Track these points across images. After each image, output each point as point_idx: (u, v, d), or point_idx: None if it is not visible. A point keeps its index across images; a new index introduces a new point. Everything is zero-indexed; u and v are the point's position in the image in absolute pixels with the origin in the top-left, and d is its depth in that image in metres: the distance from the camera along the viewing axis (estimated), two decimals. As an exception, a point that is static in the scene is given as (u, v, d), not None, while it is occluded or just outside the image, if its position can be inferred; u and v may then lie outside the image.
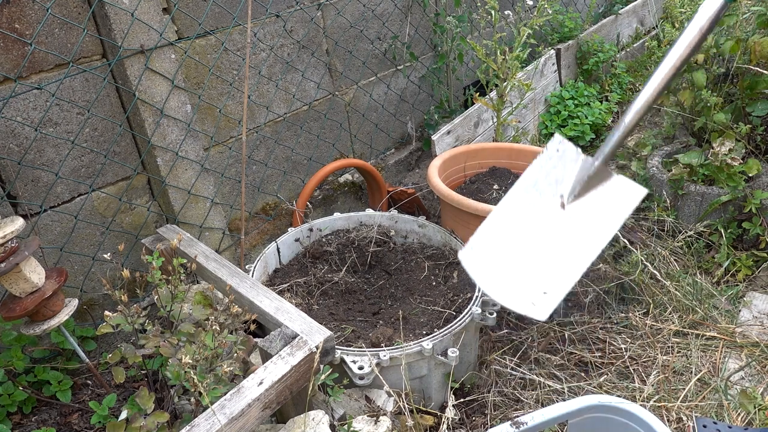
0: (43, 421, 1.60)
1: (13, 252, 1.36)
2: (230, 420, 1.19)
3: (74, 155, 1.73)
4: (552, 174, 1.40)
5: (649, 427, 1.23)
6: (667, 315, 2.03)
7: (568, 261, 1.31)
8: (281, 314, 1.51)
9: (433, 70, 2.96)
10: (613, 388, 1.78)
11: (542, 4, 2.55)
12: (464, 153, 2.43)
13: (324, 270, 2.07)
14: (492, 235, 1.43)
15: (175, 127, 1.90)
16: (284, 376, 1.31)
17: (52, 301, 1.46)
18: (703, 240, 2.32)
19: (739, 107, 2.44)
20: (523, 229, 1.39)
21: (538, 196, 1.41)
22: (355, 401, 1.58)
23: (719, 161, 2.30)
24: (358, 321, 1.87)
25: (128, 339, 1.84)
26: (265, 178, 2.35)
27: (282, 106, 2.33)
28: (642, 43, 4.11)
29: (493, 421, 1.70)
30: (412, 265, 2.12)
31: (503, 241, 1.41)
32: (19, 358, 1.58)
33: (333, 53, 2.49)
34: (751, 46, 2.34)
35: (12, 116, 1.57)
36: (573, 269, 1.30)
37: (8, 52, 1.54)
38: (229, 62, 2.10)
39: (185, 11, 1.91)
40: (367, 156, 2.83)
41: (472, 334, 1.79)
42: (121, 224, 1.90)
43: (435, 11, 2.91)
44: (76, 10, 1.65)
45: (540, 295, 1.29)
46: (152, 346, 1.33)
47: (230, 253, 2.20)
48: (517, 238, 1.39)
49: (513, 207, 1.43)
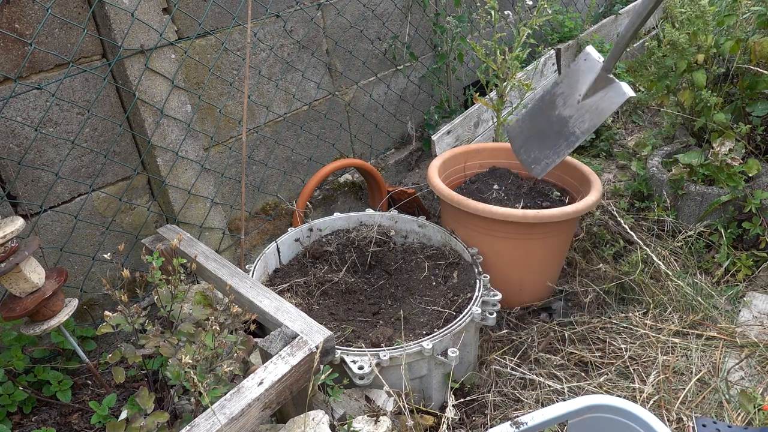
0: (43, 421, 1.60)
1: (13, 252, 1.37)
2: (230, 420, 1.19)
3: (74, 155, 1.73)
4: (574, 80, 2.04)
5: (649, 427, 1.23)
6: (667, 315, 2.03)
7: (567, 141, 2.03)
8: (281, 314, 1.51)
9: (433, 70, 2.96)
10: (613, 388, 1.78)
11: (542, 4, 2.55)
12: (464, 153, 2.43)
13: (324, 270, 2.07)
14: (530, 118, 2.18)
15: (175, 127, 1.90)
16: (284, 376, 1.31)
17: (52, 301, 1.46)
18: (703, 240, 2.32)
19: (739, 107, 2.44)
20: (550, 115, 2.09)
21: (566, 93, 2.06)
22: (355, 401, 1.58)
23: (719, 161, 2.30)
24: (358, 321, 1.87)
25: (128, 339, 1.84)
26: (265, 178, 2.35)
27: (282, 106, 2.33)
28: (642, 43, 4.11)
29: (493, 421, 1.70)
30: (412, 265, 2.12)
31: (536, 122, 2.15)
32: (19, 358, 1.58)
33: (333, 53, 2.49)
34: (751, 46, 2.34)
35: (12, 116, 1.57)
36: (568, 148, 2.03)
37: (8, 52, 1.54)
38: (229, 62, 2.10)
39: (185, 11, 1.91)
40: (367, 156, 2.83)
41: (472, 334, 1.79)
42: (121, 224, 1.90)
43: (435, 11, 2.91)
44: (76, 10, 1.65)
45: (541, 162, 2.09)
46: (152, 346, 1.33)
47: (230, 253, 2.20)
48: (545, 121, 2.11)
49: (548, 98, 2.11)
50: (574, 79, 2.03)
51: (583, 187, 2.20)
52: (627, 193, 2.70)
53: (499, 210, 1.94)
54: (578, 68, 2.02)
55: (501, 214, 1.93)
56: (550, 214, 1.93)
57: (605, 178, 2.93)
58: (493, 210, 1.94)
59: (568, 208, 1.96)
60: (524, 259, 2.09)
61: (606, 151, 3.19)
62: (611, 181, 2.89)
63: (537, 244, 2.05)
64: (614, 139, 3.27)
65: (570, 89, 2.04)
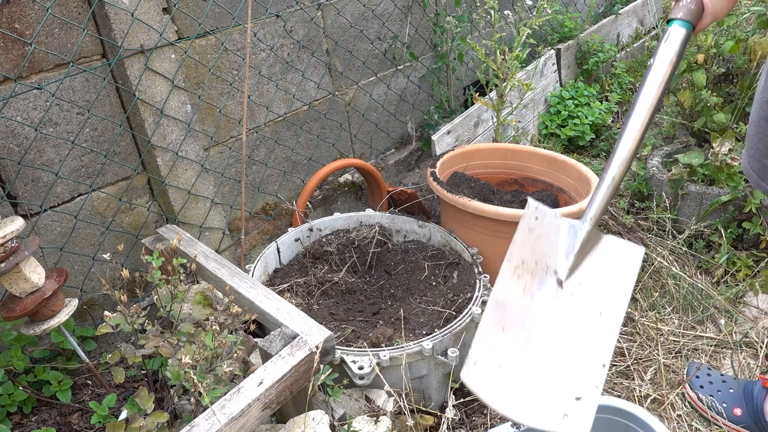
0: (43, 421, 1.60)
1: (13, 252, 1.37)
2: (230, 420, 1.19)
3: (74, 155, 1.73)
4: (537, 248, 1.19)
5: (649, 427, 1.23)
6: (667, 315, 2.03)
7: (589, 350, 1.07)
8: (281, 314, 1.51)
9: (433, 70, 2.96)
10: (613, 388, 1.78)
11: (542, 3, 2.55)
12: (460, 155, 2.43)
13: (324, 270, 2.07)
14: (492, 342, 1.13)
15: (175, 127, 1.90)
16: (284, 376, 1.31)
17: (52, 301, 1.46)
18: (703, 240, 2.32)
19: (739, 107, 2.44)
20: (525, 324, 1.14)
21: (531, 279, 1.18)
22: (355, 401, 1.58)
23: (719, 161, 2.30)
24: (358, 321, 1.87)
25: (128, 339, 1.84)
26: (265, 178, 2.35)
27: (282, 106, 2.33)
28: (642, 43, 4.12)
29: (493, 421, 1.70)
30: (412, 265, 2.12)
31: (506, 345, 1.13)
32: (19, 358, 1.58)
33: (333, 53, 2.49)
34: (751, 46, 2.35)
35: (12, 116, 1.57)
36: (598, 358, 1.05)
37: (8, 52, 1.54)
38: (229, 62, 2.10)
39: (185, 11, 1.91)
40: (367, 156, 2.83)
41: (472, 334, 1.79)
42: (121, 224, 1.90)
43: (435, 11, 2.91)
44: (76, 10, 1.65)
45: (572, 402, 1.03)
46: (152, 346, 1.33)
47: (230, 253, 2.20)
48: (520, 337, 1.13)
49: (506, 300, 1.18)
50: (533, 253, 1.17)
51: (582, 187, 2.20)
52: (627, 193, 2.70)
53: (506, 211, 1.93)
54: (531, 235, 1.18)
55: (507, 215, 1.93)
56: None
57: (605, 178, 2.92)
58: (500, 211, 1.94)
59: (572, 208, 1.96)
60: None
61: (606, 151, 3.19)
62: (611, 181, 2.88)
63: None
64: (614, 139, 3.27)
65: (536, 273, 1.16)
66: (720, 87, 2.54)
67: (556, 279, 1.16)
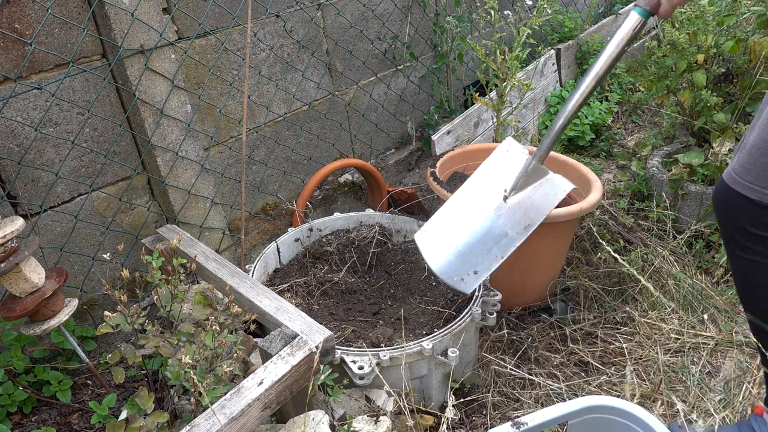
0: (43, 421, 1.60)
1: (13, 252, 1.37)
2: (230, 420, 1.19)
3: (74, 155, 1.73)
4: (500, 171, 1.74)
5: (649, 427, 1.23)
6: (667, 315, 2.03)
7: (498, 245, 1.64)
8: (281, 314, 1.51)
9: (433, 70, 2.96)
10: (614, 388, 1.78)
11: (542, 4, 2.55)
12: (460, 155, 2.43)
13: (324, 270, 2.07)
14: (443, 221, 1.76)
15: (175, 127, 1.90)
16: (284, 376, 1.31)
17: (52, 301, 1.46)
18: (703, 240, 2.32)
19: (739, 107, 2.44)
20: (469, 217, 1.72)
21: (486, 190, 1.73)
22: (355, 401, 1.58)
23: (719, 161, 2.30)
24: (358, 321, 1.87)
25: (128, 339, 1.84)
26: (265, 178, 2.35)
27: (282, 106, 2.33)
28: (642, 43, 4.11)
29: (493, 421, 1.70)
30: (412, 265, 2.12)
31: (451, 226, 1.73)
32: (19, 358, 1.58)
33: (333, 53, 2.49)
34: (751, 46, 2.35)
35: (12, 116, 1.57)
36: (500, 252, 1.63)
37: (8, 52, 1.54)
38: (229, 62, 2.10)
39: (185, 11, 1.91)
40: (367, 156, 2.83)
41: (472, 334, 1.79)
42: (121, 224, 1.90)
43: (435, 11, 2.91)
44: (76, 10, 1.65)
45: (471, 273, 1.64)
46: (152, 346, 1.33)
47: (230, 253, 2.20)
48: (463, 224, 1.72)
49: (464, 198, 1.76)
50: (495, 173, 1.77)
51: (582, 186, 2.20)
52: (627, 193, 2.70)
53: None
54: (499, 161, 1.79)
55: None
56: (557, 214, 1.92)
57: (605, 178, 2.93)
58: None
59: (572, 208, 1.96)
60: (527, 260, 2.08)
61: (606, 151, 3.19)
62: (611, 181, 2.89)
63: (540, 244, 2.05)
64: (614, 139, 3.27)
65: (492, 185, 1.74)
66: (720, 87, 2.54)
67: (503, 195, 1.71)
